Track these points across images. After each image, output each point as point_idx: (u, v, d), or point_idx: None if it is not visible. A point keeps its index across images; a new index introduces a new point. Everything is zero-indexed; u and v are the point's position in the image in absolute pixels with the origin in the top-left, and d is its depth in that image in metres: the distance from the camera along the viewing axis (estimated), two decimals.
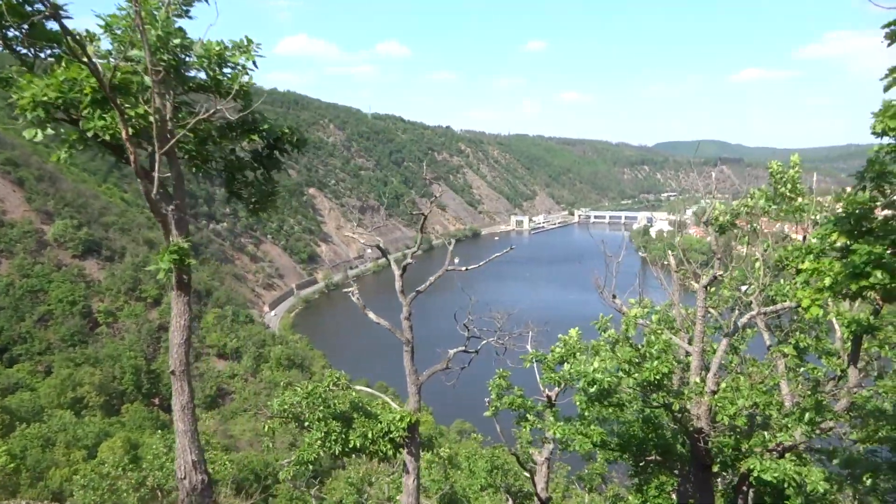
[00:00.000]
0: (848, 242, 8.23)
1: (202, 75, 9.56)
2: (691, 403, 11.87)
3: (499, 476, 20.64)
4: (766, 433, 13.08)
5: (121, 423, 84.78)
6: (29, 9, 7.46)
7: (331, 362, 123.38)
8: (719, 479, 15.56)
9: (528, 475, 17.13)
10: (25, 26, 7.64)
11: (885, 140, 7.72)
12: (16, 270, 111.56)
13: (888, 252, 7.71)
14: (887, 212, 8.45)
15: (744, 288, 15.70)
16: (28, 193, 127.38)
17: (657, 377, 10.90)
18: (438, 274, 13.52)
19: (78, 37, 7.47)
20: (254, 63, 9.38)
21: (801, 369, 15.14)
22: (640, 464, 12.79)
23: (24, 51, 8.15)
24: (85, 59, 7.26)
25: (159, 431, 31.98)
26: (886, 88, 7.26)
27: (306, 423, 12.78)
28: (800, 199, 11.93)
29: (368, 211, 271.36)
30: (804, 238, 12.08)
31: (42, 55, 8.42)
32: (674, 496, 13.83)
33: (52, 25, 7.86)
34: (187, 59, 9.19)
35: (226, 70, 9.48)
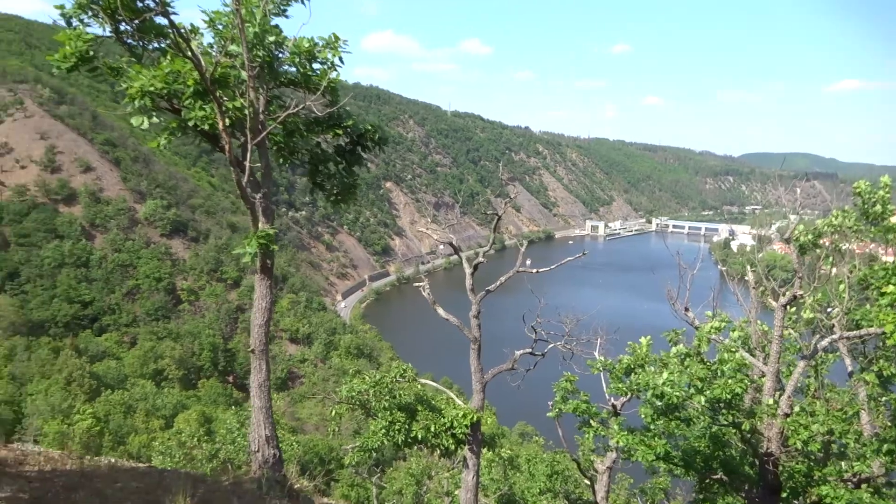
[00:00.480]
0: None
1: (292, 70, 9.96)
2: (762, 424, 11.54)
3: (558, 481, 20.54)
4: (842, 462, 12.55)
5: (197, 397, 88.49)
6: (140, 5, 8.12)
7: (398, 354, 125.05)
8: None
9: (588, 483, 17.01)
10: (136, 21, 8.28)
11: None
12: (109, 245, 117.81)
13: None
14: None
15: (828, 309, 15.10)
16: (124, 173, 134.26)
17: (729, 396, 10.66)
18: (509, 274, 13.58)
19: (183, 31, 7.98)
20: (340, 59, 9.68)
21: (884, 399, 14.45)
22: (705, 481, 12.53)
23: (134, 43, 8.79)
24: (189, 54, 7.79)
25: (233, 408, 33.27)
26: None
27: (372, 412, 13.15)
28: (893, 219, 11.40)
29: (443, 207, 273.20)
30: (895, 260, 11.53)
31: (149, 48, 9.03)
32: None
33: (160, 20, 8.49)
34: (280, 55, 9.61)
35: (315, 66, 9.84)
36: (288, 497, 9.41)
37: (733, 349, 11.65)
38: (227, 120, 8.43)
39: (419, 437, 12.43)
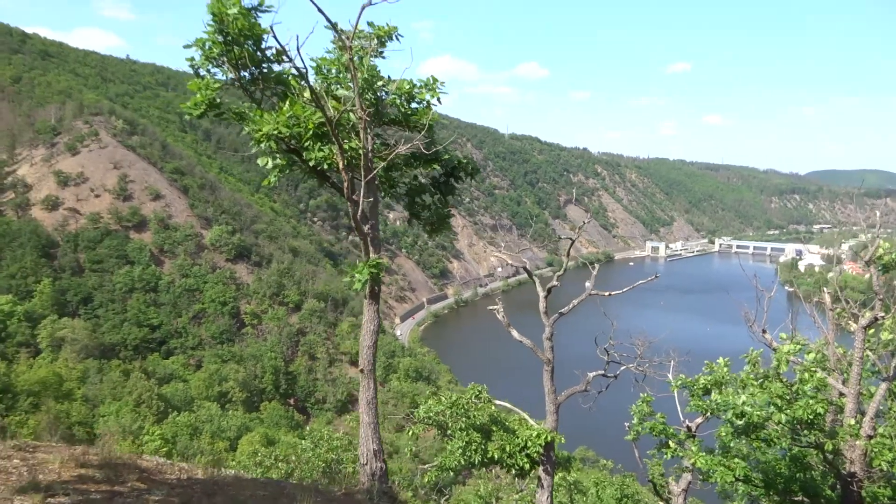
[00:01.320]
0: None
1: (393, 110, 10.73)
2: (845, 445, 11.28)
3: None
4: None
5: (259, 420, 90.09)
6: (259, 55, 9.15)
7: (456, 377, 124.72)
8: None
9: None
10: (256, 69, 9.34)
11: None
12: (177, 270, 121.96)
13: None
14: None
15: None
16: (191, 200, 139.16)
17: (811, 416, 10.50)
18: (581, 298, 13.79)
19: (307, 78, 8.89)
20: (438, 99, 10.40)
21: None
22: None
23: (253, 89, 9.72)
24: (313, 99, 8.89)
25: (307, 428, 33.70)
26: None
27: (448, 432, 13.41)
28: None
29: (500, 230, 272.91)
30: None
31: (267, 93, 9.95)
32: None
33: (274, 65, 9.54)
34: (384, 97, 10.38)
35: (413, 105, 10.55)
36: None
37: (813, 369, 11.44)
38: (345, 160, 9.26)
39: (495, 457, 12.64)
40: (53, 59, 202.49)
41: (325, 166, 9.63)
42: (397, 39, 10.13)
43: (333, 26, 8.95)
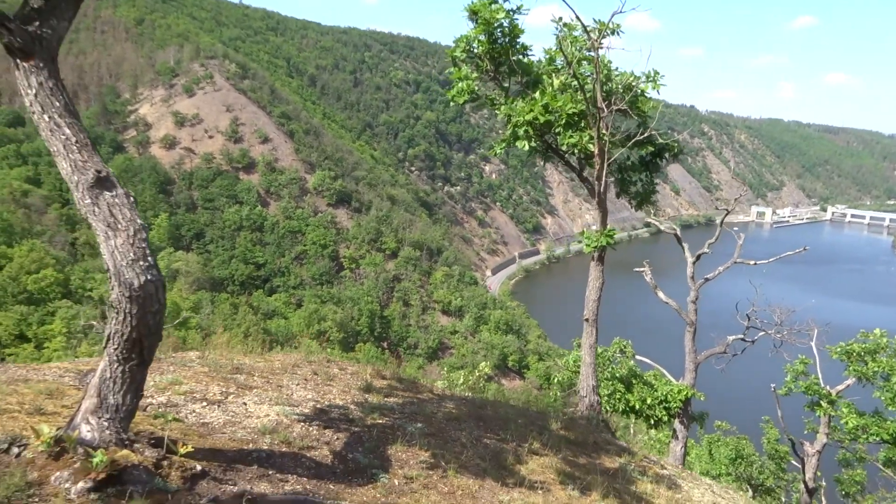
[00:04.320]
0: None
1: (619, 99, 11.50)
2: None
3: (742, 466, 20.25)
4: None
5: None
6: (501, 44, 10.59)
7: (546, 332, 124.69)
8: None
9: (797, 464, 17.24)
10: (509, 61, 10.68)
11: None
12: (281, 212, 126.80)
13: None
14: None
15: None
16: (296, 145, 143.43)
17: None
18: (727, 265, 14.27)
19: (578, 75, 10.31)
20: (658, 91, 11.27)
21: None
22: None
23: (500, 80, 11.24)
24: (583, 95, 10.31)
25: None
26: None
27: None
28: None
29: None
30: None
31: (513, 83, 11.35)
32: None
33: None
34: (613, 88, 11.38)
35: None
36: (611, 433, 11.67)
37: None
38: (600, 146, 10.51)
39: (636, 406, 13.21)
40: (173, 2, 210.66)
41: (576, 151, 10.99)
42: (618, 34, 10.81)
43: (584, 28, 10.13)
